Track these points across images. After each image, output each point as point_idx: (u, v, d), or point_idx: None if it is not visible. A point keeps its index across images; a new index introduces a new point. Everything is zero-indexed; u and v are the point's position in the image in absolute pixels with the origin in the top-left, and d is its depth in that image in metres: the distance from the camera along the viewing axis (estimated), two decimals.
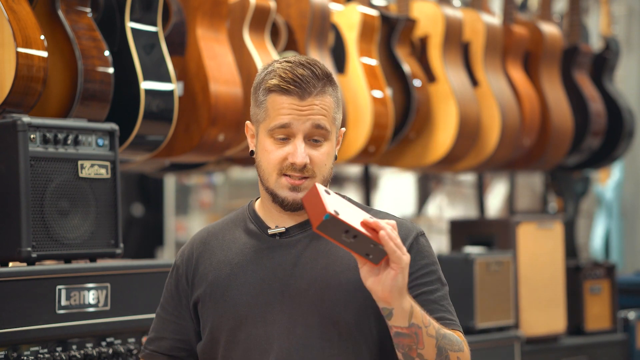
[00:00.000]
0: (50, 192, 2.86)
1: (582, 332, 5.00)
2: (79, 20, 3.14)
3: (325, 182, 2.15)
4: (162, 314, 2.25)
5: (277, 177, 2.12)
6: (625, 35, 7.36)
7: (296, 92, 2.10)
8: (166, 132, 3.43)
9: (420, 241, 2.18)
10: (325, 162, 2.13)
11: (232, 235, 2.21)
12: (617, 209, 7.41)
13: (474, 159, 4.76)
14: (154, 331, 2.26)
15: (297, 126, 2.09)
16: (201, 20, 3.61)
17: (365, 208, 2.19)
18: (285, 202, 2.12)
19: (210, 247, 2.21)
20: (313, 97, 2.10)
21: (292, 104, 2.10)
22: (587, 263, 5.17)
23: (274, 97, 2.12)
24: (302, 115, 2.10)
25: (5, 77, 2.88)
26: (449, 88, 4.55)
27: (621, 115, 5.47)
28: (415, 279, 2.13)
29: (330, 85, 2.14)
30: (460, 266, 4.35)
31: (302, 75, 2.10)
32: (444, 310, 2.13)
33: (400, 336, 2.01)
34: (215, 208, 8.30)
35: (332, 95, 2.14)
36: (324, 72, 2.13)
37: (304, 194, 2.05)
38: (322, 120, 2.11)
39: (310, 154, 2.11)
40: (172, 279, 2.25)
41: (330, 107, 2.13)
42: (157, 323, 2.26)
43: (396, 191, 8.23)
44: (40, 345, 2.74)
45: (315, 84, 2.11)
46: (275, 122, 2.10)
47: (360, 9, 4.27)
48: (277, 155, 2.11)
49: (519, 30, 5.04)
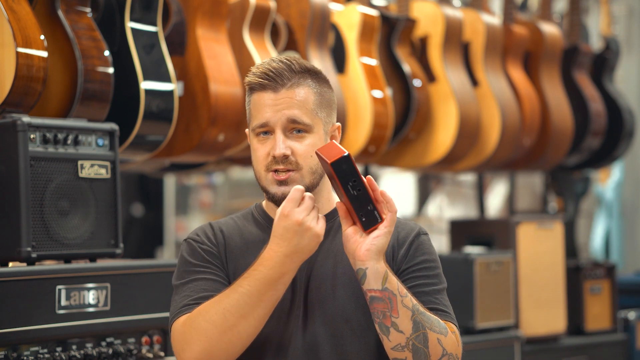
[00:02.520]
0: (50, 192, 2.86)
1: (582, 332, 5.00)
2: (79, 20, 3.14)
3: (315, 175, 2.16)
4: (206, 275, 2.15)
5: (265, 174, 2.15)
6: (625, 35, 7.36)
7: (269, 85, 2.13)
8: (166, 132, 3.43)
9: (422, 238, 2.19)
10: (311, 154, 2.14)
11: (248, 230, 2.22)
12: (617, 209, 7.41)
13: (474, 159, 4.76)
14: (205, 290, 2.12)
15: (274, 120, 2.13)
16: (201, 20, 3.61)
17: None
18: (275, 197, 2.14)
19: (229, 234, 2.21)
20: (287, 89, 2.14)
21: (268, 99, 2.13)
22: (587, 263, 5.17)
23: (253, 97, 2.17)
24: (277, 107, 2.12)
25: (5, 77, 2.88)
26: (449, 88, 4.55)
27: (621, 115, 5.47)
28: (412, 272, 2.15)
29: (311, 79, 2.16)
30: (460, 266, 4.35)
31: (275, 69, 2.14)
32: (437, 302, 2.14)
33: (374, 301, 2.02)
34: (215, 208, 8.30)
35: (313, 89, 2.16)
36: (303, 67, 2.16)
37: (291, 188, 2.07)
38: (297, 113, 2.13)
39: (292, 145, 2.13)
40: (198, 250, 2.18)
41: (309, 99, 2.14)
42: (204, 283, 2.13)
43: (396, 191, 8.22)
44: (40, 345, 2.74)
45: (289, 76, 2.14)
46: (256, 121, 2.15)
47: (360, 9, 4.26)
48: (262, 153, 2.15)
49: (519, 30, 5.04)
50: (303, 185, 2.09)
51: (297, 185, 2.07)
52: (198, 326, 2.05)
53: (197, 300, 2.11)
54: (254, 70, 2.17)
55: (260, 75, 2.14)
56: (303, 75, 2.15)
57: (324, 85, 2.19)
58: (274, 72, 2.13)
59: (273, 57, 2.21)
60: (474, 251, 4.48)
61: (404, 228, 2.19)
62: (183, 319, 2.10)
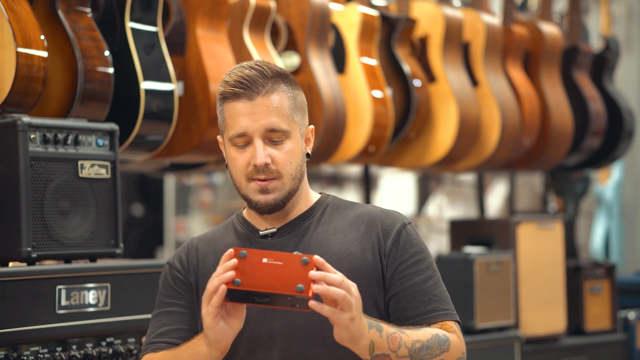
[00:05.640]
0: (50, 192, 2.86)
1: (582, 332, 5.00)
2: (79, 20, 3.14)
3: (296, 180, 2.16)
4: (169, 308, 2.21)
5: (246, 183, 2.14)
6: (625, 35, 7.35)
7: (244, 94, 2.11)
8: (166, 132, 3.43)
9: (408, 229, 2.19)
10: (290, 160, 2.13)
11: (224, 241, 2.23)
12: (617, 209, 7.41)
13: (474, 159, 4.76)
14: (165, 325, 2.20)
15: (252, 129, 2.11)
16: (201, 20, 3.61)
17: (349, 204, 2.23)
18: (258, 205, 2.14)
19: (204, 252, 2.23)
20: (262, 97, 2.12)
21: (244, 107, 2.11)
22: (587, 263, 5.17)
23: (227, 105, 2.14)
24: (255, 116, 2.10)
25: (5, 77, 2.88)
26: (449, 88, 4.55)
27: (621, 115, 5.47)
28: (406, 267, 2.15)
29: (283, 83, 2.15)
30: (460, 266, 4.35)
31: (248, 76, 2.11)
32: (437, 300, 2.14)
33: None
34: (215, 208, 8.30)
35: (287, 93, 2.14)
36: (275, 72, 2.14)
37: (275, 196, 2.10)
38: (275, 121, 2.11)
39: (271, 154, 2.12)
40: (168, 279, 2.24)
41: (284, 104, 2.13)
42: (166, 317, 2.21)
43: (396, 191, 8.23)
44: (40, 345, 2.74)
45: (264, 82, 2.12)
46: (232, 130, 2.13)
47: (360, 9, 4.26)
48: (242, 162, 2.13)
49: (519, 30, 5.04)
50: (284, 192, 2.12)
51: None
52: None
53: (157, 337, 2.18)
54: (226, 79, 2.13)
55: (234, 85, 2.11)
56: (276, 81, 2.13)
57: (295, 88, 2.18)
58: (248, 80, 2.11)
59: (243, 63, 2.16)
60: (474, 251, 4.48)
61: (387, 216, 2.19)
62: (145, 359, 2.19)
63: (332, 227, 2.19)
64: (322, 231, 2.19)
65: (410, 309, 2.14)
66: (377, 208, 2.23)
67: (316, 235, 2.18)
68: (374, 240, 2.16)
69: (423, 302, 2.11)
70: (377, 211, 2.21)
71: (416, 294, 2.12)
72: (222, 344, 2.00)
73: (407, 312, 2.14)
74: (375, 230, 2.17)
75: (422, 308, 2.13)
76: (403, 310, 2.14)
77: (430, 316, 2.13)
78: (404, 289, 2.13)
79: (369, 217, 2.20)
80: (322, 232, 2.18)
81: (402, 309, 2.14)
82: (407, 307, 2.14)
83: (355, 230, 2.18)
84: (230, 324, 1.99)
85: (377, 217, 2.19)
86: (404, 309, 2.14)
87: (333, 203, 2.25)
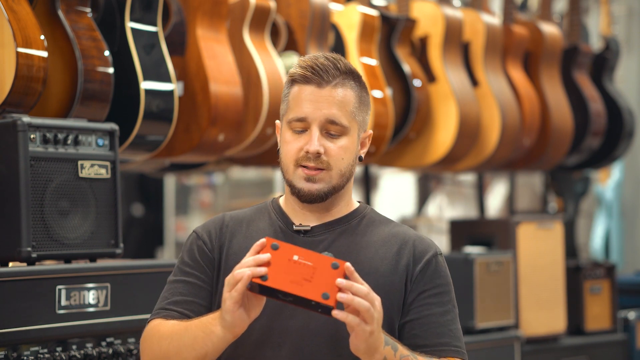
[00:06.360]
0: (50, 192, 2.86)
1: (582, 332, 5.00)
2: (79, 20, 3.14)
3: (344, 178, 2.15)
4: (188, 278, 2.17)
5: (294, 169, 2.13)
6: (625, 35, 7.36)
7: (314, 79, 2.11)
8: (166, 132, 3.43)
9: (439, 259, 2.18)
10: (342, 156, 2.13)
11: (256, 226, 2.21)
12: (617, 209, 7.41)
13: (474, 159, 4.76)
14: (181, 294, 2.16)
15: (312, 116, 2.10)
16: (201, 20, 3.61)
17: (385, 220, 2.22)
18: (301, 192, 2.13)
19: (233, 231, 2.20)
20: (332, 87, 2.11)
21: (310, 94, 2.11)
22: (587, 263, 5.18)
23: (295, 88, 2.13)
24: (319, 104, 2.10)
25: (5, 77, 2.88)
26: (449, 88, 4.55)
27: (621, 115, 5.47)
28: (428, 296, 2.14)
29: (353, 80, 2.14)
30: (460, 266, 4.35)
31: (322, 64, 2.12)
32: (450, 335, 2.13)
33: None
34: (215, 208, 8.30)
35: (355, 91, 2.14)
36: (348, 68, 2.14)
37: (320, 186, 2.09)
38: (337, 114, 2.10)
39: (325, 145, 2.11)
40: (193, 249, 2.20)
41: (350, 101, 2.13)
42: (184, 286, 2.17)
43: (396, 191, 8.22)
44: (40, 345, 2.74)
45: (335, 74, 2.11)
46: (293, 113, 2.12)
47: (360, 9, 4.27)
48: (295, 146, 2.12)
49: (519, 30, 5.04)
50: (329, 186, 2.11)
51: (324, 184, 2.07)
52: (151, 343, 2.11)
53: (171, 304, 2.14)
54: (299, 62, 2.14)
55: (306, 68, 2.11)
56: (347, 76, 2.13)
57: (364, 90, 2.17)
58: (320, 68, 2.11)
59: (319, 53, 2.16)
60: (474, 251, 4.48)
61: (421, 242, 2.17)
62: (154, 323, 2.14)
63: (365, 239, 2.17)
64: (354, 241, 2.16)
65: (422, 338, 2.12)
66: (411, 231, 2.21)
67: (348, 243, 2.16)
68: (404, 264, 2.14)
69: (437, 334, 2.10)
70: (411, 234, 2.19)
71: (432, 324, 2.11)
72: (238, 329, 1.99)
73: (419, 340, 2.11)
74: (407, 254, 2.15)
75: (434, 340, 2.11)
76: (415, 337, 2.12)
77: (441, 349, 2.11)
78: (420, 317, 2.12)
79: (403, 238, 2.18)
80: (355, 242, 2.16)
81: (414, 336, 2.12)
82: (419, 335, 2.12)
83: (386, 249, 2.16)
84: (248, 312, 1.97)
85: (410, 241, 2.17)
86: (416, 336, 2.12)
87: (370, 215, 2.22)
